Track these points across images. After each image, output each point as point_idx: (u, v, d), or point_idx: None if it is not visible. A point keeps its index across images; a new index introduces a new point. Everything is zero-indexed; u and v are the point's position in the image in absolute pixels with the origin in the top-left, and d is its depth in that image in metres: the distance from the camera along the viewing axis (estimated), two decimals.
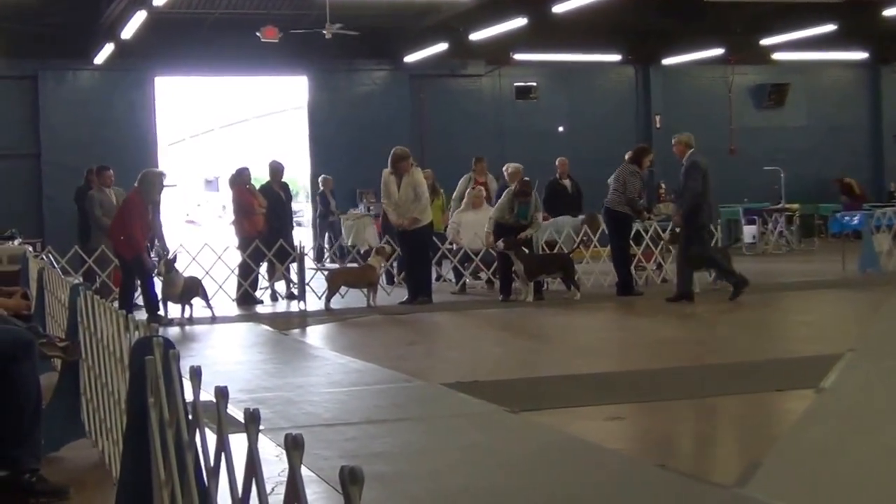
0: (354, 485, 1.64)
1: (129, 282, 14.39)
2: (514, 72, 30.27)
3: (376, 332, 13.41)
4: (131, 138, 26.68)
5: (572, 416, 7.59)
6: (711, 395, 8.17)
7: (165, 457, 3.25)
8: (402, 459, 6.17)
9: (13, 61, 26.19)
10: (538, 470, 6.07)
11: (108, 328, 5.34)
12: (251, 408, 2.25)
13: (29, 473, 5.44)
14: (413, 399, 8.34)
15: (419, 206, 15.64)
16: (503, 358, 10.98)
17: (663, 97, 31.33)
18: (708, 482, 5.59)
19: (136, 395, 3.59)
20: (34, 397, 5.54)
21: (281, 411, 7.74)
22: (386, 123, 27.64)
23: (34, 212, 26.34)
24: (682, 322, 13.67)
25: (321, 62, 27.83)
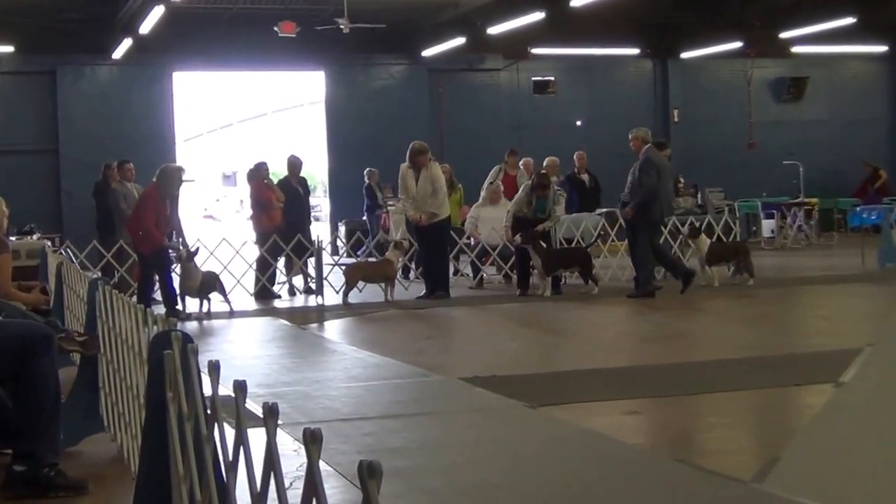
0: (373, 479, 1.64)
1: (147, 276, 14.42)
2: (532, 66, 30.24)
3: (394, 327, 13.40)
4: (149, 133, 26.76)
5: (590, 411, 7.57)
6: (729, 390, 8.13)
7: (184, 451, 3.25)
8: (420, 454, 6.17)
9: (32, 57, 26.28)
10: (556, 464, 6.06)
11: (127, 322, 5.35)
12: (269, 402, 2.24)
13: (48, 468, 5.45)
14: (431, 394, 8.34)
15: (437, 201, 15.63)
16: (521, 352, 10.97)
17: (682, 91, 31.26)
18: (726, 477, 5.56)
19: (155, 389, 3.59)
20: (53, 392, 5.55)
21: (299, 406, 7.74)
22: (403, 118, 27.65)
23: (53, 207, 26.44)
24: (699, 316, 13.63)
25: (339, 57, 27.85)
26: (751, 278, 16.04)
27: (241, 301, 15.68)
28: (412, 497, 5.14)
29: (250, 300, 16.26)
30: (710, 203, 26.06)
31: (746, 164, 30.63)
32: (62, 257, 11.74)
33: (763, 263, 18.78)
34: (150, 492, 3.62)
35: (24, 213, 22.20)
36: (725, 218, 19.07)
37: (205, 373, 3.10)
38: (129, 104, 27.08)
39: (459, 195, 19.31)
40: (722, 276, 16.31)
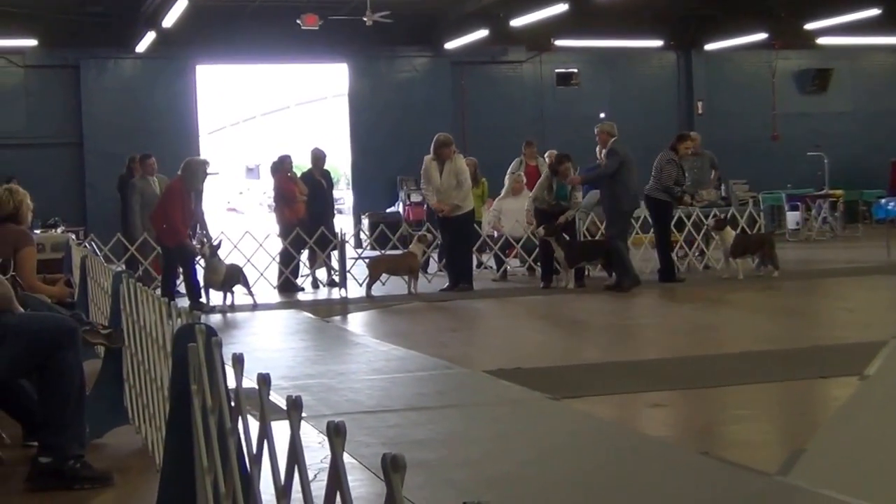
0: (396, 472, 1.64)
1: (170, 269, 14.46)
2: (555, 58, 30.18)
3: (418, 320, 13.40)
4: (173, 127, 26.83)
5: (614, 404, 7.56)
6: (754, 382, 8.11)
7: (208, 443, 3.25)
8: (445, 446, 6.16)
9: (56, 51, 26.38)
10: (580, 457, 6.05)
11: (151, 315, 5.36)
12: (293, 395, 2.24)
13: (73, 460, 5.47)
14: (455, 386, 8.33)
15: (461, 193, 15.60)
16: (545, 345, 10.95)
17: (706, 83, 31.12)
18: (751, 469, 5.54)
19: (179, 382, 3.60)
20: (78, 384, 5.58)
21: (323, 398, 7.75)
22: (426, 110, 27.64)
23: (77, 200, 26.55)
24: (723, 309, 13.58)
25: (362, 49, 27.85)
26: (775, 270, 15.97)
27: (265, 294, 15.71)
28: (436, 489, 5.13)
29: (274, 293, 16.28)
30: (735, 195, 25.96)
31: (771, 156, 30.50)
32: (86, 250, 11.79)
33: (787, 255, 18.70)
34: (174, 483, 3.63)
35: (49, 206, 22.33)
36: (750, 210, 18.99)
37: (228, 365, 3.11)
38: (153, 97, 27.15)
39: (483, 189, 19.28)
40: (746, 269, 16.25)
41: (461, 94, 29.35)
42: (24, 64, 26.79)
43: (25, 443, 6.38)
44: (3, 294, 5.37)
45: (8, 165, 23.90)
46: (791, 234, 24.59)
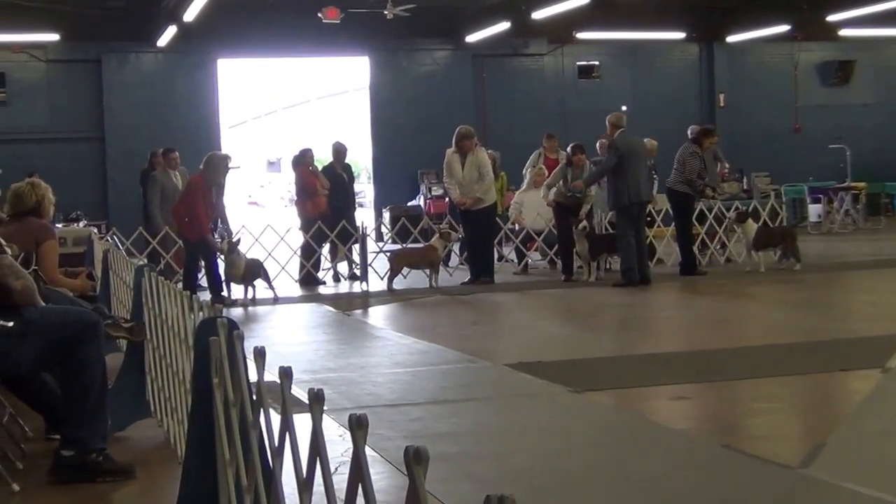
0: (419, 465, 1.64)
1: (192, 263, 14.49)
2: (576, 50, 30.12)
3: (439, 313, 13.40)
4: (194, 121, 26.90)
5: (636, 396, 7.56)
6: (776, 375, 8.08)
7: (230, 436, 3.26)
8: (467, 440, 6.17)
9: (77, 45, 26.47)
10: (602, 450, 6.04)
11: (173, 309, 5.38)
12: (315, 388, 2.24)
13: (96, 453, 5.50)
14: (477, 379, 8.33)
15: (483, 186, 15.58)
16: (566, 338, 10.93)
17: (728, 75, 31.01)
18: (772, 462, 5.52)
19: (201, 375, 3.60)
20: (100, 378, 5.59)
21: (344, 391, 7.76)
22: (448, 103, 27.62)
23: (98, 194, 26.65)
24: (745, 302, 13.54)
25: (383, 42, 27.84)
26: (797, 263, 15.91)
27: (286, 287, 15.73)
28: (459, 482, 5.13)
29: (295, 287, 16.31)
30: (756, 188, 25.89)
31: (793, 149, 30.37)
32: (108, 244, 11.83)
33: (810, 248, 18.63)
34: (196, 476, 3.63)
35: (71, 200, 22.44)
36: (772, 203, 18.92)
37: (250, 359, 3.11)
38: (174, 91, 27.22)
39: (502, 182, 19.26)
40: (768, 262, 16.19)
41: (482, 88, 29.32)
42: (46, 58, 26.89)
43: (48, 436, 6.42)
44: (26, 288, 5.39)
45: (30, 160, 24.01)
46: (813, 227, 24.49)
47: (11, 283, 5.31)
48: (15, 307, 5.36)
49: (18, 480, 5.48)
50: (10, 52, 26.56)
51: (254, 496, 2.99)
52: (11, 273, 5.34)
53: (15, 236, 6.91)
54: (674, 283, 15.25)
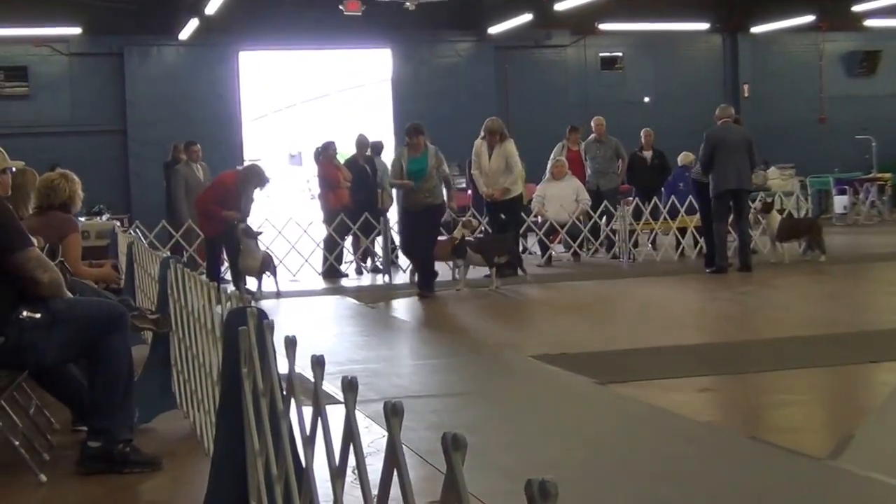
0: (457, 451, 1.66)
1: (214, 256, 14.50)
2: (599, 42, 30.02)
3: (462, 305, 13.38)
4: (216, 114, 26.94)
5: (661, 388, 7.51)
6: (802, 367, 8.03)
7: (259, 427, 3.26)
8: (491, 431, 6.15)
9: (99, 38, 26.54)
10: (627, 441, 6.02)
11: (199, 300, 5.38)
12: (348, 376, 2.24)
13: (122, 444, 5.51)
14: (501, 371, 8.33)
15: (510, 178, 15.53)
16: (591, 330, 10.89)
17: (752, 66, 30.87)
18: (800, 454, 5.49)
19: (230, 365, 3.60)
20: (127, 369, 5.61)
21: (369, 383, 7.75)
22: (470, 95, 27.59)
23: (121, 188, 26.72)
24: (771, 293, 13.48)
25: (405, 34, 27.81)
26: (822, 255, 15.83)
27: (309, 280, 15.75)
28: (483, 473, 5.11)
29: (318, 279, 16.33)
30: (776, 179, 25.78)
31: (818, 140, 30.22)
32: (133, 237, 11.86)
33: (835, 240, 18.56)
34: (226, 467, 3.63)
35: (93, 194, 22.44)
36: (797, 194, 18.84)
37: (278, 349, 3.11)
38: (196, 84, 27.26)
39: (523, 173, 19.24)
40: (793, 253, 16.12)
41: (504, 79, 29.26)
42: (69, 52, 26.98)
43: (74, 427, 6.44)
44: (53, 280, 5.40)
45: (53, 153, 24.04)
46: (838, 219, 24.38)
47: (39, 276, 5.32)
48: (42, 299, 5.38)
49: (46, 471, 5.49)
50: (32, 46, 26.65)
51: (284, 486, 2.99)
52: (39, 265, 5.35)
53: (39, 229, 6.93)
54: (698, 275, 15.18)
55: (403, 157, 14.02)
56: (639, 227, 17.76)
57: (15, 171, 6.95)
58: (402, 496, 1.88)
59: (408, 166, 13.82)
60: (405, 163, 13.88)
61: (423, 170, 13.78)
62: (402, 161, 13.96)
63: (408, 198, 13.92)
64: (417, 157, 13.86)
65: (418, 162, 13.84)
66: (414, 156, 13.88)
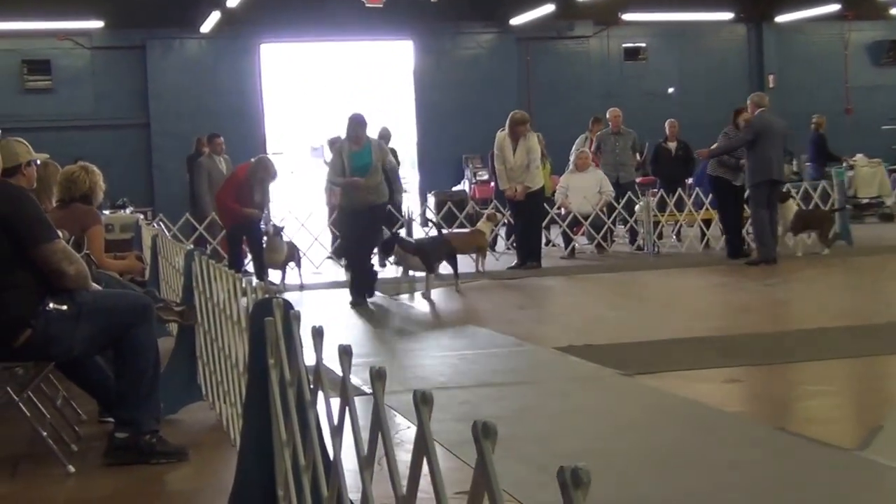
0: (487, 438, 1.66)
1: (235, 249, 14.53)
2: (622, 32, 29.91)
3: (486, 297, 13.36)
4: (238, 106, 26.98)
5: (688, 379, 7.48)
6: (831, 358, 7.99)
7: (287, 417, 3.25)
8: (517, 422, 6.14)
9: (122, 32, 26.61)
10: (654, 432, 6.00)
11: (224, 292, 5.38)
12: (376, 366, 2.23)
13: (149, 435, 5.54)
14: (526, 363, 8.31)
15: (530, 173, 15.49)
16: (615, 321, 10.86)
17: (777, 56, 30.70)
18: (828, 445, 5.46)
19: (257, 356, 3.60)
20: (153, 360, 5.64)
21: (393, 374, 7.68)
22: (492, 87, 27.55)
23: (144, 181, 26.81)
24: (797, 285, 13.42)
25: (427, 26, 27.79)
26: (826, 249, 15.69)
27: (331, 272, 15.75)
28: (509, 463, 5.10)
29: (340, 271, 16.33)
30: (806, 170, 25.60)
31: (844, 130, 30.00)
32: (157, 229, 11.89)
33: (861, 231, 18.50)
34: (253, 457, 3.64)
35: (117, 187, 22.55)
36: (822, 184, 18.72)
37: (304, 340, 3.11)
38: (218, 77, 27.31)
39: (549, 167, 19.21)
40: (804, 245, 15.96)
41: (527, 71, 29.21)
42: (91, 45, 27.07)
43: (101, 418, 6.47)
44: (80, 272, 5.42)
45: (76, 146, 24.15)
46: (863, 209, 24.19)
47: (65, 268, 5.34)
48: (68, 291, 5.40)
49: (73, 462, 5.53)
50: (55, 40, 26.75)
51: (311, 476, 2.98)
52: (65, 257, 5.37)
53: (62, 222, 6.95)
54: (722, 267, 15.13)
55: (345, 151, 12.48)
56: (663, 219, 17.69)
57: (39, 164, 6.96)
58: (433, 484, 1.85)
59: (350, 162, 12.42)
60: (347, 158, 12.42)
61: (366, 165, 12.39)
62: (343, 156, 12.47)
63: (350, 196, 12.55)
64: (359, 152, 12.43)
65: (361, 157, 12.43)
66: (355, 150, 12.44)
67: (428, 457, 1.86)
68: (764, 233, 14.77)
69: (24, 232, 5.28)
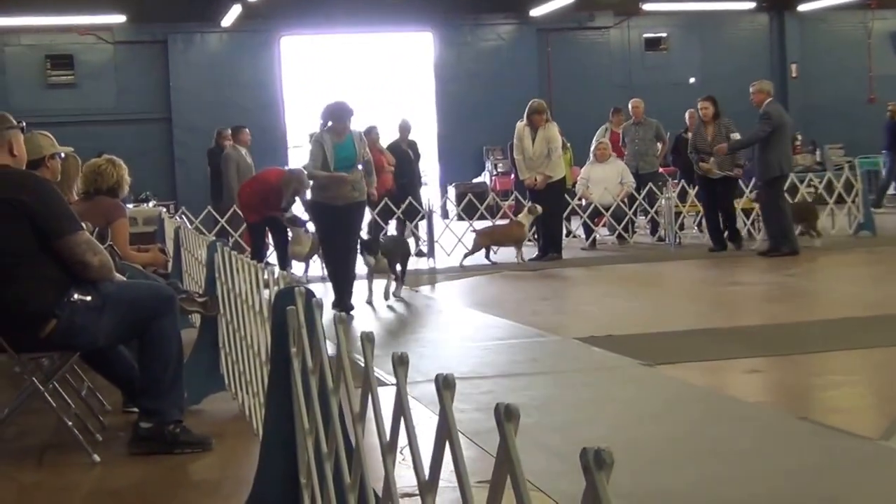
0: (510, 421, 1.67)
1: (259, 242, 14.57)
2: (643, 22, 29.83)
3: (508, 289, 13.38)
4: (259, 100, 27.06)
5: (709, 370, 7.50)
6: (853, 348, 7.98)
7: (309, 405, 3.28)
8: (539, 412, 6.15)
9: (144, 26, 26.72)
10: (676, 421, 6.01)
11: (246, 283, 5.42)
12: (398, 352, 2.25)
13: (173, 425, 5.58)
14: (548, 353, 8.32)
15: (551, 163, 15.47)
16: (637, 312, 10.85)
17: (799, 45, 30.55)
18: (852, 434, 5.46)
19: (279, 345, 3.63)
20: (177, 351, 5.68)
21: (415, 365, 7.67)
22: (512, 79, 27.53)
23: (166, 174, 26.92)
24: (820, 275, 13.40)
25: (447, 18, 27.79)
26: (818, 238, 15.61)
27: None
28: (531, 453, 5.11)
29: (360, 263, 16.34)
30: (830, 160, 25.52)
31: (867, 119, 29.83)
32: (179, 222, 11.94)
33: (886, 221, 18.43)
34: (275, 445, 3.67)
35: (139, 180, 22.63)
36: (846, 175, 18.64)
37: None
38: (239, 71, 27.40)
39: (570, 156, 19.21)
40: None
41: (547, 62, 29.17)
42: (113, 40, 27.20)
43: (125, 409, 6.52)
44: (104, 263, 5.46)
45: (99, 140, 24.21)
46: (889, 200, 24.12)
47: (89, 259, 5.39)
48: (93, 282, 5.44)
49: (98, 451, 5.57)
50: (77, 35, 26.88)
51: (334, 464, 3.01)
52: (89, 249, 5.42)
53: (86, 214, 6.99)
54: (742, 258, 15.09)
55: (326, 142, 11.06)
56: (685, 210, 17.65)
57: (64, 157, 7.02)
58: (455, 468, 1.86)
59: (334, 154, 11.03)
60: (329, 150, 11.03)
61: (350, 157, 11.10)
62: (324, 147, 11.05)
63: (330, 191, 11.11)
64: (342, 143, 11.08)
65: (344, 148, 11.11)
66: (338, 141, 11.07)
67: (450, 441, 1.87)
68: (789, 225, 14.70)
69: (49, 223, 5.32)
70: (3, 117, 5.65)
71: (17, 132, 5.64)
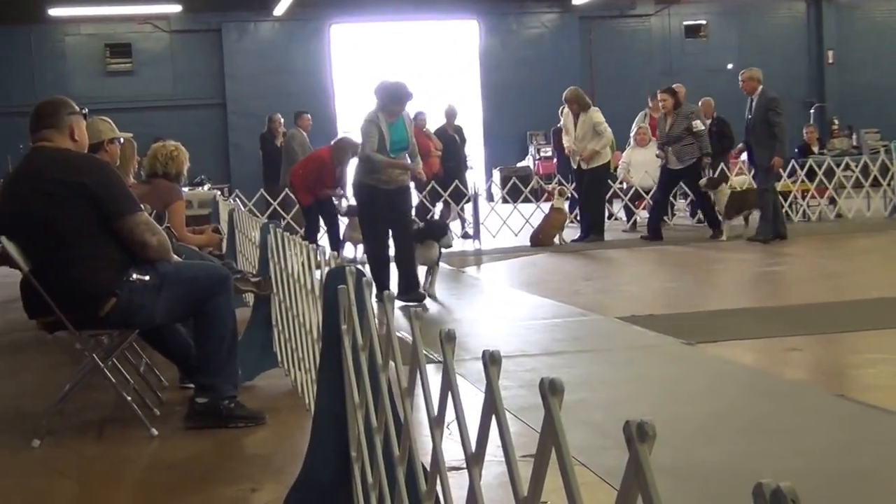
0: (554, 395, 1.68)
1: (312, 223, 14.74)
2: (683, 10, 29.76)
3: (551, 269, 13.49)
4: (310, 87, 27.29)
5: (749, 348, 7.58)
6: (890, 327, 8.01)
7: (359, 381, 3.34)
8: (582, 389, 6.25)
9: (199, 15, 27.00)
10: (717, 398, 6.07)
11: (298, 263, 5.56)
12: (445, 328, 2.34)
13: (228, 400, 5.71)
14: (590, 332, 8.41)
15: (601, 142, 15.65)
16: (677, 292, 10.95)
17: (836, 32, 30.33)
18: (889, 411, 5.52)
19: (330, 323, 3.71)
20: (231, 329, 5.80)
21: (460, 342, 7.87)
22: (556, 66, 27.57)
23: (221, 159, 27.24)
24: (854, 256, 13.41)
25: (492, 6, 27.85)
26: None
27: None
28: (574, 428, 5.23)
29: None
30: (866, 144, 25.34)
31: None
32: (233, 204, 12.13)
33: None
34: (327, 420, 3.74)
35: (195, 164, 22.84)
36: (882, 159, 18.57)
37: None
38: (290, 58, 27.65)
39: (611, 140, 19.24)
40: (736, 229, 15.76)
41: (589, 49, 29.16)
42: (170, 29, 27.55)
43: (182, 384, 6.69)
44: (162, 243, 5.60)
45: (155, 127, 24.54)
46: None
47: (148, 239, 5.52)
48: (151, 262, 5.58)
49: (156, 425, 5.72)
50: (135, 24, 27.22)
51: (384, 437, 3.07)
52: (148, 229, 5.55)
53: (145, 197, 7.18)
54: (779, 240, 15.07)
55: (382, 123, 10.38)
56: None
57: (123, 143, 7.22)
58: (501, 442, 1.89)
59: (390, 135, 10.43)
60: (386, 131, 10.40)
61: (402, 140, 10.50)
62: (380, 128, 10.37)
63: (384, 174, 10.44)
64: (394, 124, 10.46)
65: (397, 130, 10.48)
66: (391, 122, 10.45)
67: (497, 415, 1.93)
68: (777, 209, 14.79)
69: (109, 204, 5.44)
70: (66, 103, 5.77)
71: (79, 118, 5.75)
